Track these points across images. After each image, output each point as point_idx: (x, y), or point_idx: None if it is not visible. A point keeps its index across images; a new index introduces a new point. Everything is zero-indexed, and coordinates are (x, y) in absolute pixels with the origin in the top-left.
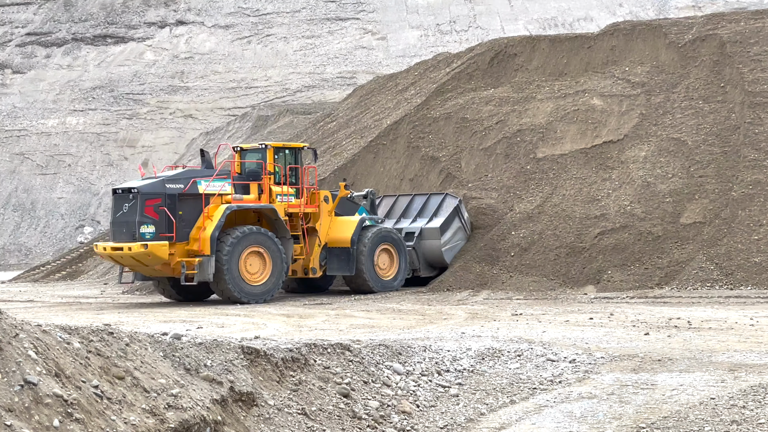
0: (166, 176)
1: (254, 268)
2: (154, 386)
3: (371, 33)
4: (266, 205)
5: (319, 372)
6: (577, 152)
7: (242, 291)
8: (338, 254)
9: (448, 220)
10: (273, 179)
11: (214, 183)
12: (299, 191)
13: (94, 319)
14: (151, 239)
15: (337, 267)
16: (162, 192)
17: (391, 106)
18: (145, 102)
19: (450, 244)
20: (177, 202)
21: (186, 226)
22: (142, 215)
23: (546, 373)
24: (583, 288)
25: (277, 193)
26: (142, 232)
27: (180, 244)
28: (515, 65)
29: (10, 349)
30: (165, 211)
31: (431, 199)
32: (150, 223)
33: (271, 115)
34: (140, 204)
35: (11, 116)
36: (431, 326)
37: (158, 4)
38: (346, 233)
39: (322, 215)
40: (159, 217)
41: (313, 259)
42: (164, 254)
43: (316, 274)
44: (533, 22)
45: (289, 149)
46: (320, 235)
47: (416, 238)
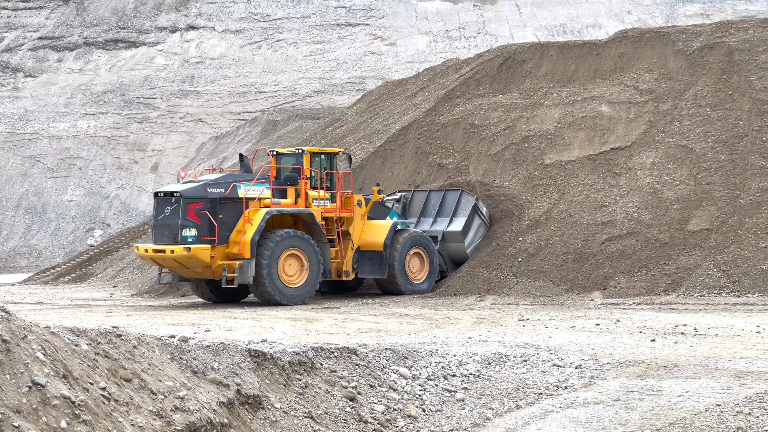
0: (208, 180)
1: (292, 270)
2: (161, 388)
3: (381, 39)
4: (304, 210)
5: (326, 375)
6: (584, 158)
7: (281, 293)
8: (371, 257)
9: (468, 221)
10: (309, 184)
11: (254, 187)
12: (334, 196)
13: (103, 322)
14: (192, 242)
15: (369, 270)
16: (204, 196)
17: (400, 111)
18: (156, 106)
19: (474, 243)
20: (218, 206)
21: (226, 230)
22: (185, 218)
23: (552, 379)
24: (589, 294)
25: (313, 197)
26: (185, 235)
27: (220, 247)
28: (524, 71)
29: (18, 350)
30: (206, 214)
31: (447, 195)
32: (192, 227)
33: (280, 119)
34: (182, 207)
35: (23, 120)
36: (438, 331)
37: (169, 9)
38: (379, 237)
39: (355, 219)
40: (201, 221)
41: (346, 261)
42: (206, 257)
43: (349, 276)
44: (542, 28)
45: (325, 154)
46: (353, 239)
47: (440, 242)
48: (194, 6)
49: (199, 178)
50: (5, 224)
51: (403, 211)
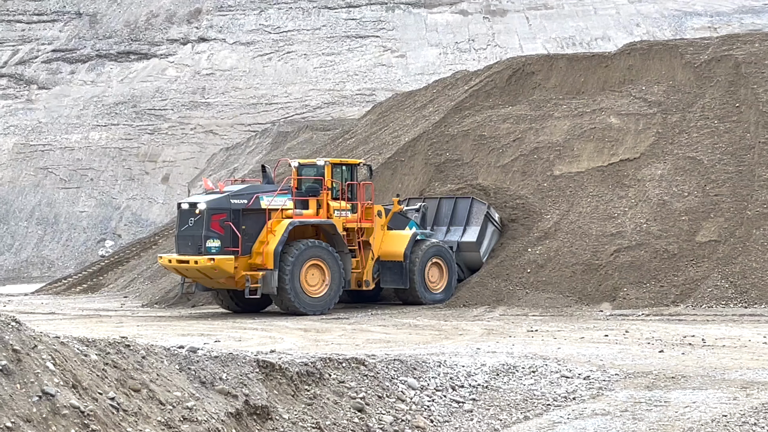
0: (231, 191)
1: (314, 280)
2: (169, 399)
3: (391, 51)
4: (326, 221)
5: (334, 386)
6: (593, 170)
7: (303, 303)
8: (391, 267)
9: (482, 230)
10: (330, 194)
11: (276, 198)
12: (355, 206)
13: (114, 332)
14: (216, 253)
15: (390, 280)
16: (227, 207)
17: (410, 123)
18: (167, 117)
19: (490, 251)
20: (241, 217)
21: (249, 240)
22: (209, 230)
23: (560, 390)
24: (598, 305)
25: (334, 208)
26: (209, 246)
27: (243, 257)
28: (533, 83)
29: (28, 360)
30: (230, 225)
31: (459, 203)
32: (216, 238)
33: (291, 131)
34: (206, 218)
35: (36, 131)
36: (447, 341)
37: (181, 21)
38: (399, 247)
39: (375, 229)
40: (224, 232)
41: (366, 272)
42: (230, 268)
43: (369, 286)
44: (551, 40)
45: (346, 165)
46: (374, 249)
47: (456, 252)
48: (205, 18)
49: (224, 189)
50: (18, 235)
51: (423, 221)
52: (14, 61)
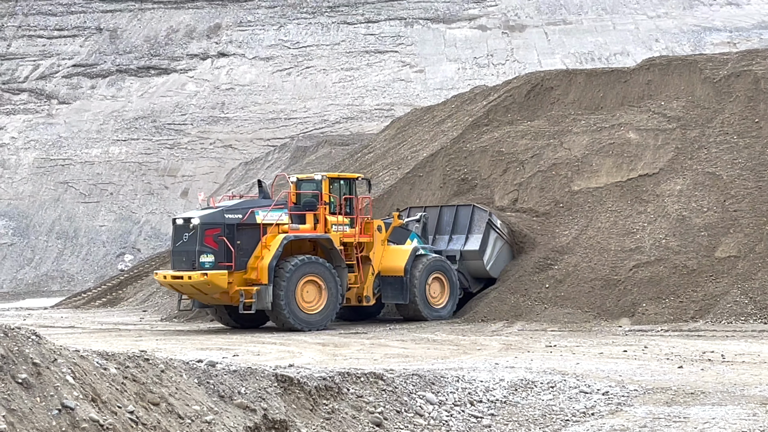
0: (225, 206)
1: (310, 296)
2: (188, 413)
3: (409, 66)
4: (323, 235)
5: (352, 401)
6: (612, 185)
7: (299, 319)
8: (391, 283)
9: (484, 237)
10: (328, 209)
11: (271, 213)
12: (353, 221)
13: (133, 346)
14: (210, 268)
15: (391, 295)
16: (221, 222)
17: (428, 138)
18: (186, 132)
19: (493, 259)
20: (235, 232)
21: (244, 256)
22: (202, 245)
23: (579, 405)
24: (617, 320)
25: (332, 223)
26: (202, 261)
27: (238, 273)
28: (552, 98)
29: (48, 373)
30: (224, 240)
31: (460, 211)
32: (209, 253)
33: (309, 146)
34: (200, 234)
35: (56, 146)
36: (465, 356)
37: (201, 36)
38: (400, 262)
39: (375, 244)
40: (218, 247)
41: (367, 287)
42: (223, 283)
43: (370, 302)
44: (570, 56)
45: (345, 180)
46: (374, 264)
47: (458, 261)
48: (225, 33)
49: (217, 204)
50: (38, 249)
51: (424, 231)
52: (35, 76)
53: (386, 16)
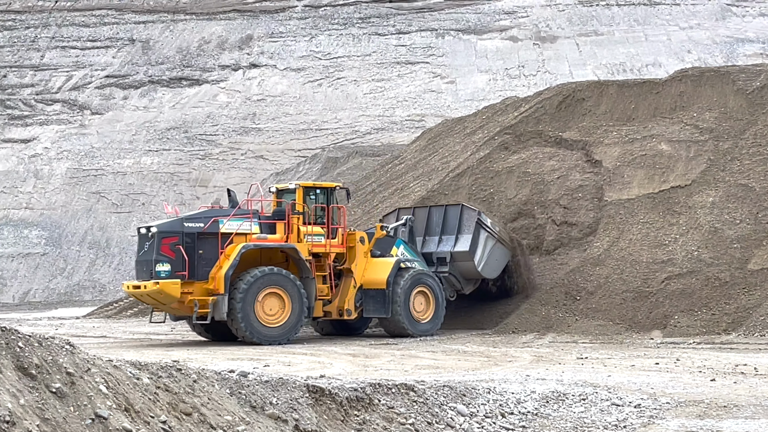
0: (186, 215)
1: (272, 309)
2: (220, 423)
3: (440, 77)
4: (287, 245)
5: (383, 412)
6: (644, 197)
7: (256, 332)
8: (374, 296)
9: (474, 238)
10: (303, 219)
11: (233, 222)
12: (333, 231)
13: (164, 356)
14: (166, 277)
15: (373, 309)
16: (179, 231)
17: (459, 149)
18: (218, 143)
19: (485, 259)
20: (197, 241)
21: (206, 265)
22: (159, 254)
23: (611, 418)
24: (649, 333)
25: (305, 232)
26: (158, 270)
27: (199, 282)
28: (583, 110)
29: (82, 383)
30: (181, 249)
31: (449, 211)
32: (166, 262)
33: (340, 156)
34: (157, 242)
35: (89, 156)
36: (496, 368)
37: (232, 47)
38: (382, 275)
39: (357, 256)
40: (175, 256)
41: (348, 300)
42: (176, 292)
43: (351, 315)
44: (601, 67)
45: (321, 189)
46: (356, 277)
47: (449, 263)
48: (256, 44)
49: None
50: (70, 259)
51: (411, 234)
52: (68, 87)
53: (417, 27)
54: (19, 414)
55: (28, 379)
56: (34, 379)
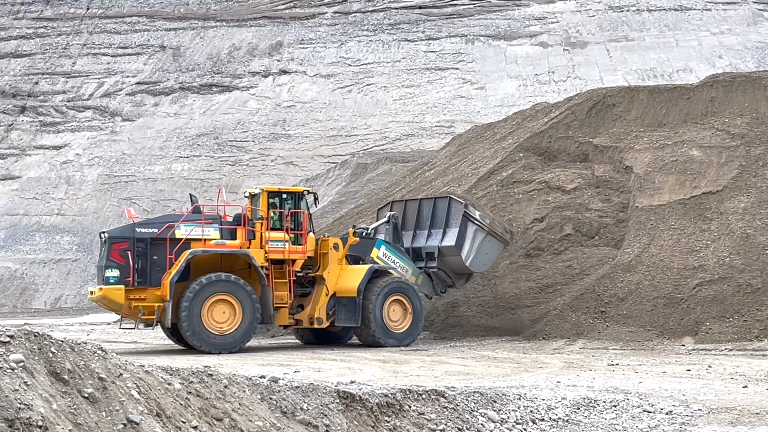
0: (140, 221)
1: (222, 317)
2: (251, 428)
3: (470, 83)
4: (240, 251)
5: (414, 418)
6: (675, 203)
7: (203, 340)
8: (346, 304)
9: (461, 231)
10: (267, 224)
11: (193, 227)
12: (299, 237)
13: (195, 362)
14: (115, 283)
15: (343, 318)
16: (130, 236)
17: (489, 154)
18: (248, 149)
19: (473, 253)
20: (150, 247)
21: (160, 271)
22: (108, 259)
23: (642, 425)
24: (680, 339)
25: (268, 238)
26: (107, 276)
27: (152, 288)
28: (614, 115)
29: (114, 388)
30: (129, 255)
31: (438, 204)
32: (114, 267)
33: (370, 162)
34: (107, 248)
35: (120, 162)
36: (526, 374)
37: (262, 54)
38: (353, 282)
39: (331, 263)
40: (125, 261)
41: (319, 308)
42: (119, 298)
43: (322, 324)
44: (632, 72)
45: (287, 194)
46: (328, 284)
47: (437, 258)
48: (286, 51)
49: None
50: None
51: (396, 231)
52: (99, 94)
53: (447, 33)
54: (52, 419)
55: (60, 384)
56: (67, 384)
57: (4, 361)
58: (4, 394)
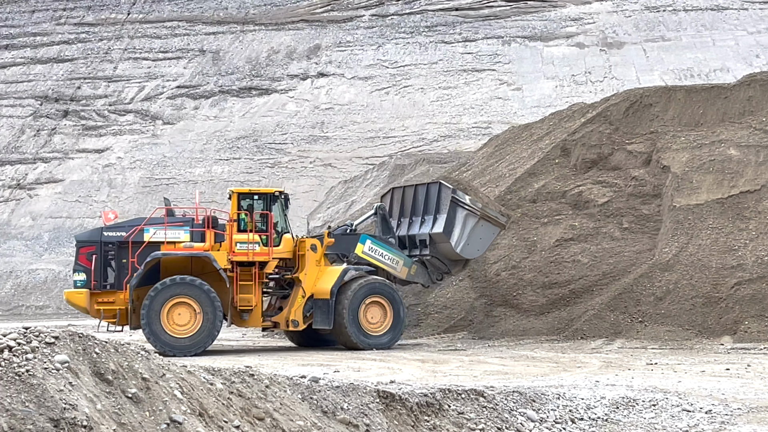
0: (110, 224)
1: (182, 319)
2: (292, 428)
3: (507, 84)
4: (200, 253)
5: (453, 417)
6: (713, 202)
7: (162, 342)
8: (321, 306)
9: (449, 217)
10: (237, 226)
11: (156, 231)
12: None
13: (236, 362)
14: (81, 287)
15: (320, 320)
16: (97, 240)
17: (526, 155)
18: (287, 151)
19: (464, 239)
20: (119, 250)
21: (128, 274)
22: (76, 263)
23: (681, 424)
24: (719, 338)
25: (237, 240)
26: (75, 279)
27: (121, 292)
28: (651, 115)
29: (157, 388)
30: (95, 259)
31: (430, 189)
32: (81, 271)
33: (408, 164)
34: (76, 252)
35: (161, 165)
36: (565, 374)
37: (301, 57)
38: (327, 284)
39: (308, 264)
40: (92, 265)
41: (294, 310)
42: (81, 302)
43: (298, 326)
44: (669, 72)
45: (259, 195)
46: (304, 286)
47: (429, 245)
48: (324, 54)
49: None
50: None
51: (385, 222)
52: (140, 98)
53: (483, 34)
54: (97, 419)
55: (104, 384)
56: (111, 385)
57: (49, 361)
58: (50, 394)
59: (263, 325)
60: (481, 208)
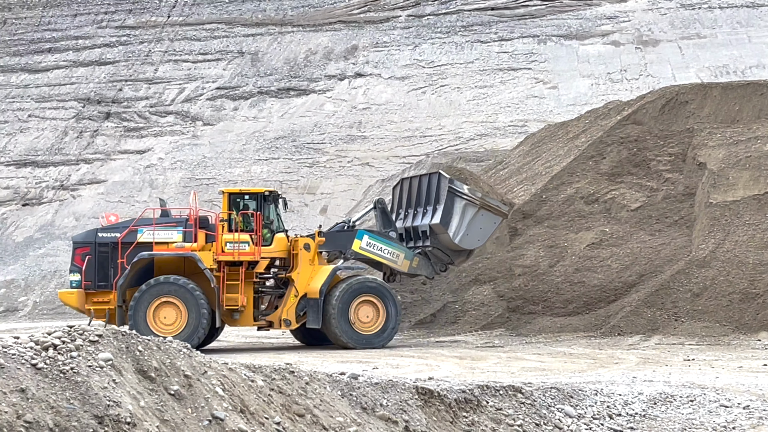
0: (106, 225)
1: (168, 319)
2: (332, 424)
3: (543, 82)
4: (187, 253)
5: (492, 413)
6: (749, 198)
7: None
8: (312, 305)
9: (446, 208)
10: (227, 226)
11: (144, 231)
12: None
13: (276, 359)
14: (76, 287)
15: (311, 319)
16: (92, 241)
17: (562, 153)
18: (325, 151)
19: (464, 229)
20: (112, 251)
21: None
22: (72, 263)
23: (719, 419)
24: (756, 334)
25: (227, 240)
26: (70, 280)
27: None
28: (687, 112)
29: (199, 385)
30: (89, 259)
31: (431, 179)
32: (76, 272)
33: (444, 162)
34: (72, 253)
35: (201, 166)
36: (602, 370)
37: (338, 58)
38: (317, 284)
39: (301, 263)
40: (86, 266)
41: (287, 310)
42: (72, 302)
43: (290, 326)
44: (704, 69)
45: (250, 195)
46: (297, 285)
47: (430, 237)
48: (362, 54)
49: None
50: None
51: (385, 216)
52: (181, 99)
53: (519, 34)
54: (140, 415)
55: (147, 381)
56: (154, 382)
57: (93, 359)
58: (94, 391)
59: (257, 324)
60: (480, 197)
